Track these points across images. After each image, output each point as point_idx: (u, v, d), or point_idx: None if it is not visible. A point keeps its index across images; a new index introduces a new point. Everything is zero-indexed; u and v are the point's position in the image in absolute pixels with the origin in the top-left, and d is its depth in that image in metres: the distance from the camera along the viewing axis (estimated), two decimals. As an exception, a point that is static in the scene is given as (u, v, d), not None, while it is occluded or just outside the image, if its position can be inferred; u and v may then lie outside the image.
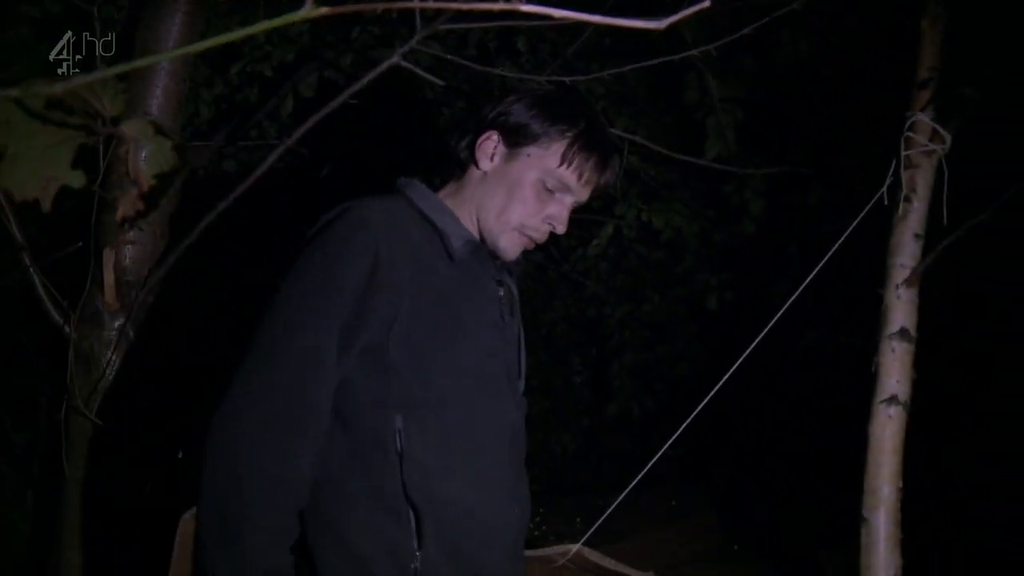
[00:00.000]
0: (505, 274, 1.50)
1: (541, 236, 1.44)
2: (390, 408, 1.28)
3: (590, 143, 1.41)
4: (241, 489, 1.16)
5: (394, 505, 1.26)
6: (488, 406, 1.37)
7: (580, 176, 1.41)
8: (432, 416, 1.30)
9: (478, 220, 1.44)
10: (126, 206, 0.44)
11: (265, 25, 0.43)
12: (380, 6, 0.43)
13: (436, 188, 1.50)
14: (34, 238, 2.32)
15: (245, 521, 1.16)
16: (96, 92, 0.44)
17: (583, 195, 1.45)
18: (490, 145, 1.43)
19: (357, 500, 1.27)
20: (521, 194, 1.40)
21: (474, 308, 1.38)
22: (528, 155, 1.40)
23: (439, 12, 3.49)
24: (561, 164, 1.39)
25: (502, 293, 1.46)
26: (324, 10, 0.43)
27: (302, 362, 1.21)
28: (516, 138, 1.41)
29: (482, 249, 1.43)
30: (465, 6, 0.41)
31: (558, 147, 1.40)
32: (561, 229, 1.44)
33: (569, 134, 1.41)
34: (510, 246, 1.43)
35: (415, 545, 1.26)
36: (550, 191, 1.41)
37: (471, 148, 1.45)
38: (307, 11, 0.42)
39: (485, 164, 1.43)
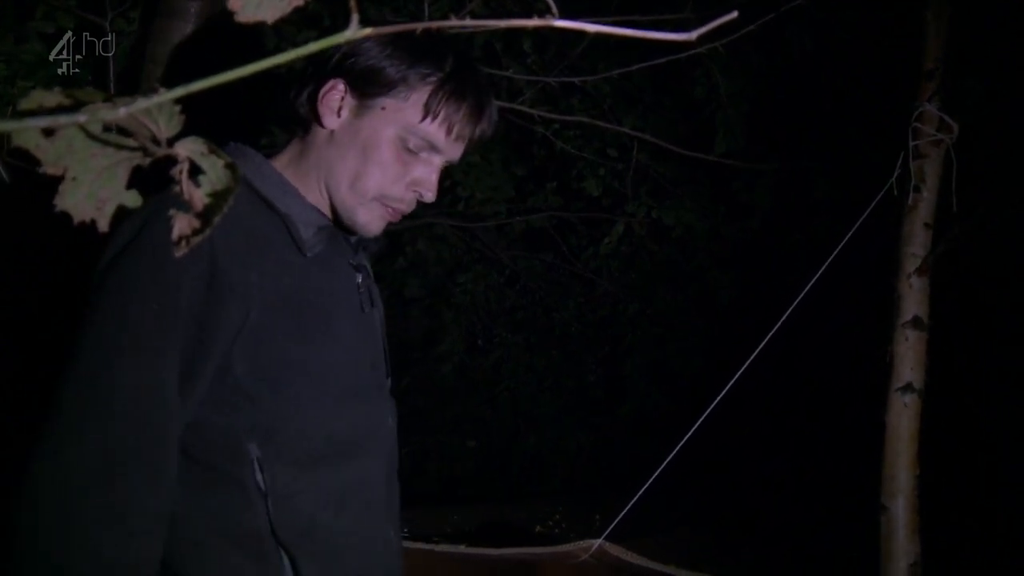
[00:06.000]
0: (361, 254, 1.26)
1: (407, 206, 1.19)
2: (242, 436, 1.05)
3: (459, 89, 1.14)
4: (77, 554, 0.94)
5: (260, 549, 1.06)
6: (361, 420, 1.17)
7: (449, 131, 1.14)
8: (296, 441, 1.08)
9: (328, 191, 1.17)
10: (181, 226, 0.46)
11: (312, 46, 0.44)
12: (420, 26, 0.44)
13: (270, 154, 1.21)
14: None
15: None
16: (152, 114, 0.46)
17: (455, 153, 1.19)
18: (335, 97, 1.14)
19: (208, 547, 1.05)
20: (378, 156, 1.13)
21: (334, 307, 1.15)
22: (383, 108, 1.13)
23: (443, 16, 3.52)
24: (425, 118, 1.13)
25: (360, 280, 1.22)
26: (368, 31, 0.43)
27: (138, 406, 0.97)
28: (367, 87, 1.13)
29: (337, 233, 1.19)
30: (503, 24, 0.43)
31: (419, 96, 1.12)
32: (430, 196, 1.18)
33: (432, 79, 1.13)
34: (370, 220, 1.17)
35: None
36: (413, 151, 1.15)
37: (313, 101, 1.15)
38: (352, 32, 0.43)
39: (331, 121, 1.15)
